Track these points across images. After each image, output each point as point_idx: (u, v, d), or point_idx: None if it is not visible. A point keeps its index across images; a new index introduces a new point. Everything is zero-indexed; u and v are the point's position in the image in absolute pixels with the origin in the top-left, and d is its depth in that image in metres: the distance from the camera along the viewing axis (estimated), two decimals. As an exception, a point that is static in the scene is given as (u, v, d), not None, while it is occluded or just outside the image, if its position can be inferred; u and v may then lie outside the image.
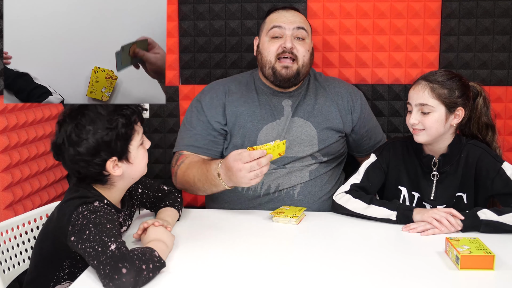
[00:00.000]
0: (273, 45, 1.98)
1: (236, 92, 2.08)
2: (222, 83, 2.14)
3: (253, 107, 2.04)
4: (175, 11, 2.40)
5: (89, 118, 1.44)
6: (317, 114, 2.05)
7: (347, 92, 2.12)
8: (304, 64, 2.00)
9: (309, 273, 1.37)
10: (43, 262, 1.53)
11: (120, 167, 1.49)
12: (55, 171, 2.43)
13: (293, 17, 2.02)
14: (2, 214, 2.03)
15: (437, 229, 1.62)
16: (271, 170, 1.99)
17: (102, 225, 1.36)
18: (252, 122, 2.02)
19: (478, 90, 1.82)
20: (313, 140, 2.02)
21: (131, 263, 1.26)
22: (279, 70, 1.98)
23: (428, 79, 1.73)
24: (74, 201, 1.43)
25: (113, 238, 1.32)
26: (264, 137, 2.01)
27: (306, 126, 2.03)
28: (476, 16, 2.30)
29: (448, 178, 1.80)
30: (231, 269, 1.40)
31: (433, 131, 1.73)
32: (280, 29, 1.98)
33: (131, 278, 1.25)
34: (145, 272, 1.28)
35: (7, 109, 2.06)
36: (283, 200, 1.97)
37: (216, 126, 2.03)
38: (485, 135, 1.84)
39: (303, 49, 1.99)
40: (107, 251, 1.29)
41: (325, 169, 2.04)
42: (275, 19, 2.01)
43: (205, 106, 2.06)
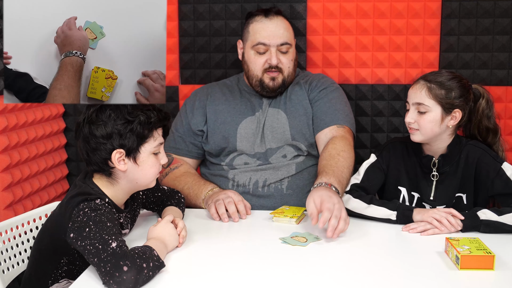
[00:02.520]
0: (259, 59, 2.06)
1: (218, 93, 2.16)
2: (208, 86, 2.23)
3: (233, 104, 2.12)
4: (175, 11, 2.40)
5: (114, 105, 1.48)
6: (288, 101, 2.10)
7: (317, 79, 2.15)
8: (289, 74, 2.09)
9: (309, 273, 1.37)
10: (41, 259, 1.53)
11: (126, 163, 1.49)
12: (55, 171, 2.43)
13: (277, 29, 2.04)
14: (2, 214, 2.03)
15: (437, 229, 1.62)
16: (257, 166, 2.03)
17: (103, 223, 1.36)
18: (231, 117, 2.10)
19: (481, 93, 1.82)
20: (284, 126, 2.06)
21: (132, 261, 1.26)
22: (266, 83, 2.06)
23: (427, 79, 1.73)
24: (76, 198, 1.43)
25: (113, 236, 1.32)
26: (243, 130, 2.07)
27: (278, 114, 2.08)
28: (476, 16, 2.30)
29: (448, 178, 1.80)
30: (231, 269, 1.40)
31: (428, 131, 1.73)
32: (265, 46, 2.04)
33: (131, 276, 1.25)
34: (146, 270, 1.28)
35: (7, 109, 2.06)
36: (273, 195, 1.99)
37: (195, 129, 2.12)
38: (485, 137, 1.84)
39: (287, 60, 2.07)
40: (108, 249, 1.28)
41: (311, 161, 2.06)
42: (259, 33, 2.04)
43: (188, 109, 2.16)
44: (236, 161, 2.07)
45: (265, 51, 2.05)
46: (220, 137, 2.08)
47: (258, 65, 2.06)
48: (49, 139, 2.39)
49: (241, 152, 2.07)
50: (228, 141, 2.07)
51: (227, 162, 2.08)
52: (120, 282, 1.24)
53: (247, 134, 2.07)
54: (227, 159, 2.08)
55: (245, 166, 2.05)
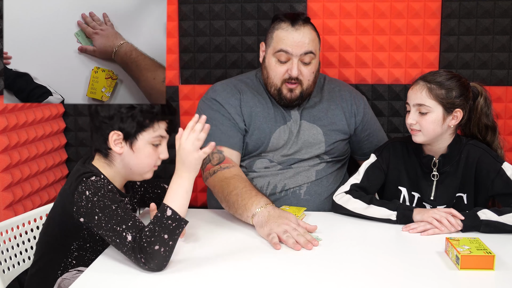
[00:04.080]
0: (280, 68, 1.95)
1: (247, 92, 2.05)
2: (231, 83, 2.09)
3: (267, 108, 2.03)
4: (175, 11, 2.40)
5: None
6: (323, 117, 2.05)
7: (350, 96, 2.12)
8: (308, 86, 1.99)
9: (309, 273, 1.37)
10: (50, 250, 1.56)
11: (122, 147, 1.53)
12: (55, 171, 2.43)
13: (302, 38, 1.92)
14: (2, 214, 2.03)
15: (437, 229, 1.62)
16: (277, 171, 1.99)
17: (108, 209, 1.40)
18: (267, 124, 2.01)
19: (479, 90, 1.81)
20: (320, 144, 2.03)
21: (151, 245, 1.33)
22: (284, 93, 1.97)
23: (426, 79, 1.73)
24: (73, 182, 1.48)
25: (124, 226, 1.37)
26: (276, 140, 2.00)
27: (313, 129, 2.03)
28: (476, 16, 2.30)
29: (448, 178, 1.80)
30: (231, 269, 1.40)
31: (430, 131, 1.73)
32: (287, 54, 1.93)
33: (158, 255, 1.34)
34: (168, 239, 1.35)
35: (7, 109, 2.06)
36: (290, 200, 1.97)
37: (241, 125, 1.99)
38: (485, 135, 1.84)
39: (308, 73, 1.96)
40: (125, 243, 1.36)
41: (330, 169, 2.05)
42: (283, 40, 1.93)
43: (224, 104, 2.00)
44: (256, 164, 2.01)
45: (286, 60, 1.93)
46: (254, 142, 2.00)
47: (279, 74, 1.95)
48: (49, 139, 2.39)
49: (265, 156, 2.02)
50: (260, 147, 2.00)
51: (247, 164, 2.02)
52: (152, 266, 1.34)
53: (278, 144, 2.00)
54: (248, 161, 2.02)
55: (265, 170, 2.00)
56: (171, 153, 1.56)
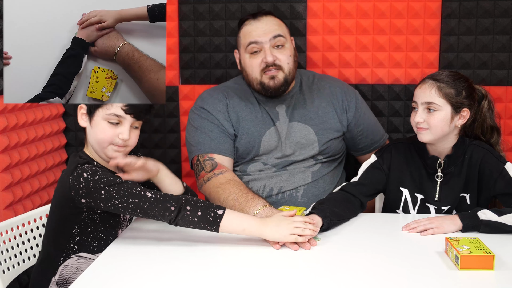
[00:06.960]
0: (255, 60, 1.97)
1: (234, 96, 2.06)
2: (218, 89, 2.10)
3: (254, 112, 2.03)
4: (175, 11, 2.40)
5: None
6: (314, 116, 2.04)
7: (341, 92, 2.11)
8: (290, 71, 2.00)
9: (309, 273, 1.37)
10: (53, 237, 1.61)
11: (85, 121, 1.60)
12: (55, 171, 2.43)
13: (267, 26, 1.97)
14: (2, 214, 2.03)
15: (437, 229, 1.62)
16: (272, 173, 1.99)
17: (113, 182, 1.49)
18: (255, 127, 2.01)
19: (484, 93, 1.82)
20: (313, 144, 2.02)
21: (189, 208, 1.49)
22: (267, 83, 1.97)
23: (435, 78, 1.73)
24: (69, 168, 1.55)
25: (138, 188, 1.49)
26: (267, 142, 2.00)
27: (305, 130, 2.03)
28: (476, 16, 2.30)
29: (453, 179, 1.79)
30: (231, 269, 1.40)
31: (438, 130, 1.72)
32: (257, 44, 1.96)
33: (188, 217, 1.49)
34: (195, 218, 1.50)
35: (7, 109, 2.06)
36: (287, 203, 1.97)
37: (230, 130, 2.00)
38: (489, 137, 1.84)
39: (284, 56, 1.98)
40: (147, 198, 1.48)
41: (327, 169, 2.04)
42: (249, 33, 1.98)
43: (212, 111, 2.01)
44: (250, 167, 2.02)
45: (259, 50, 1.96)
46: (243, 146, 2.00)
47: (255, 66, 1.97)
48: (49, 139, 2.39)
49: (258, 160, 2.02)
50: (251, 151, 2.00)
51: (241, 168, 2.03)
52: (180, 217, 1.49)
53: (270, 146, 2.00)
54: (242, 165, 2.03)
55: (260, 173, 2.00)
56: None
